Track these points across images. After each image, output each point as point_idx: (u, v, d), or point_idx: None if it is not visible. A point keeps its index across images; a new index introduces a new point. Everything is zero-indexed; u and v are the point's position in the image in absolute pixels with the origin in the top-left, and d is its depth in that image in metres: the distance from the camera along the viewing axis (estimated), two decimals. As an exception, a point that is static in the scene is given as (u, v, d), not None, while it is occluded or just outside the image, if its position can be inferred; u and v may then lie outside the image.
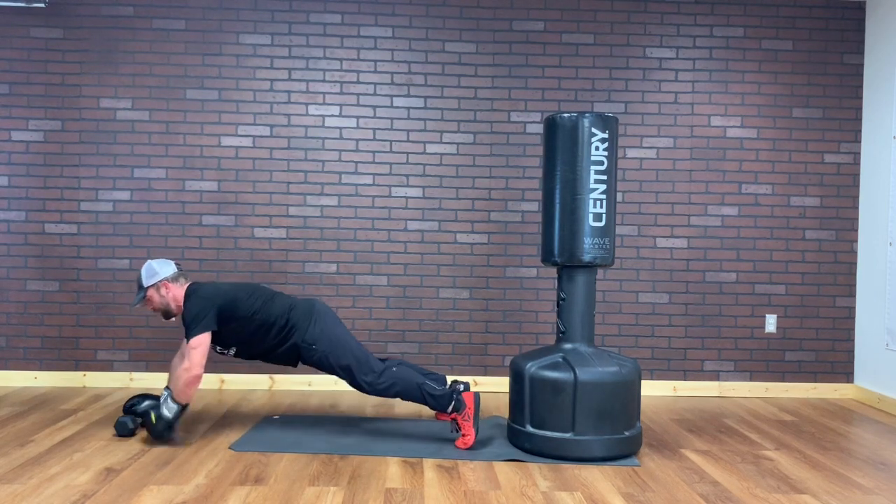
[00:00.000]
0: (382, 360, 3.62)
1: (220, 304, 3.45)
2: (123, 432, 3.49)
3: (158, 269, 3.52)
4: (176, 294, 3.53)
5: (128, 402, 3.63)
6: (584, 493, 2.88)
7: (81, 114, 4.60)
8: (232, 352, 3.61)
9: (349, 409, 4.20)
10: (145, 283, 3.51)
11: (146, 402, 3.58)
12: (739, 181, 4.72)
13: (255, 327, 3.51)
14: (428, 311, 4.67)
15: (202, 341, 3.39)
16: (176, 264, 3.60)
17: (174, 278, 3.54)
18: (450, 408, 3.41)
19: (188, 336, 3.40)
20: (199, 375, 3.37)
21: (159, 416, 3.36)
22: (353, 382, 3.50)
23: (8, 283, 4.61)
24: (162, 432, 3.37)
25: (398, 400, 4.40)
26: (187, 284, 3.57)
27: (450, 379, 4.51)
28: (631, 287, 4.71)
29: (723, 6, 4.70)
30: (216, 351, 3.64)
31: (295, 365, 3.64)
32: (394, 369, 3.47)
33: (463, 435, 3.41)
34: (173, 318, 3.67)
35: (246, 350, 3.60)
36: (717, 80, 4.71)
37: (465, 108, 4.66)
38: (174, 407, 3.38)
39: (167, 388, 3.43)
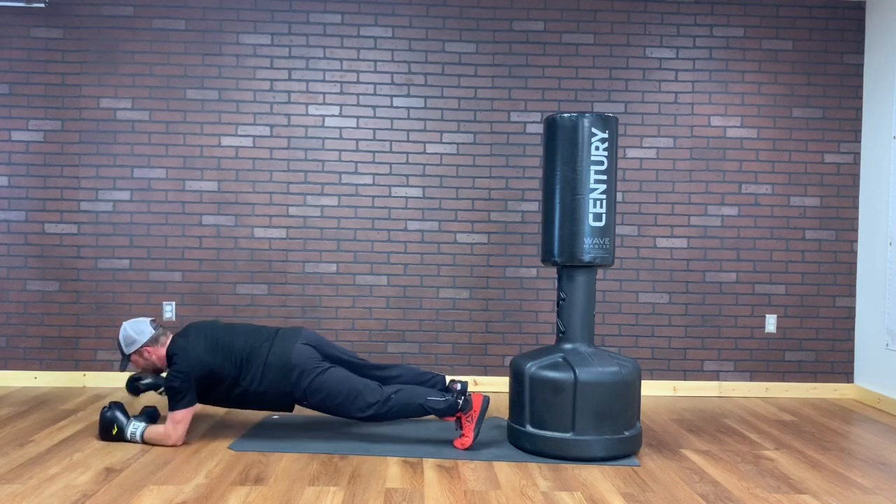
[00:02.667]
0: (381, 368, 3.58)
1: (199, 375, 3.37)
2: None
3: (136, 336, 3.45)
4: (159, 355, 3.49)
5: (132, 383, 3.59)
6: (584, 493, 2.88)
7: (81, 114, 4.60)
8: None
9: (349, 409, 4.19)
10: (126, 350, 3.47)
11: (149, 381, 3.57)
12: (739, 181, 4.72)
13: (238, 395, 3.46)
14: (428, 311, 4.67)
15: (185, 417, 3.36)
16: (151, 322, 3.53)
17: (153, 341, 3.47)
18: (457, 408, 3.40)
19: (171, 408, 3.36)
20: (175, 446, 3.38)
21: (123, 427, 3.42)
22: (354, 419, 3.46)
23: (8, 283, 4.60)
24: (114, 429, 3.41)
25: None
26: (168, 341, 3.51)
27: (448, 379, 4.51)
28: (631, 287, 4.71)
29: (723, 6, 4.70)
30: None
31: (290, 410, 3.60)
32: (393, 397, 3.39)
33: (462, 435, 3.40)
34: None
35: (238, 406, 3.56)
36: (717, 80, 4.71)
37: (465, 108, 4.66)
38: (137, 437, 3.40)
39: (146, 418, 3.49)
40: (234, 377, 3.42)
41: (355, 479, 3.01)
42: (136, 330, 3.47)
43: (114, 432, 3.40)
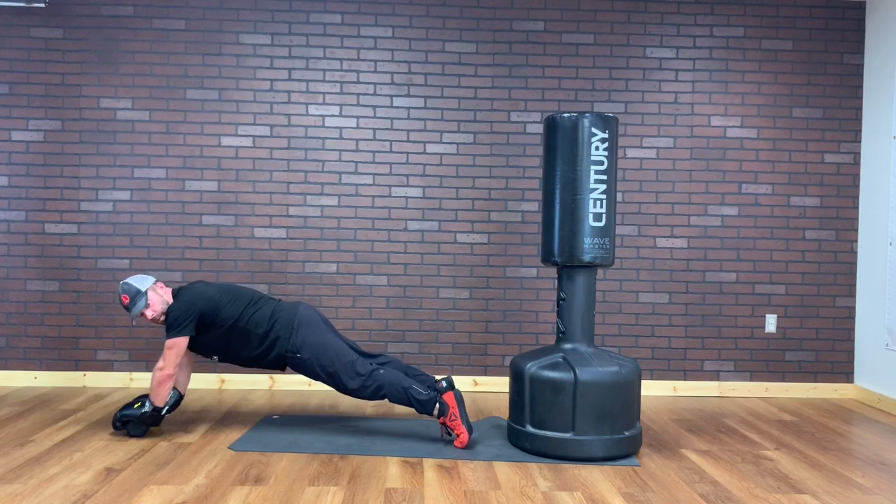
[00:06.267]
0: (373, 356, 3.62)
1: (203, 309, 3.48)
2: (137, 432, 3.53)
3: (145, 276, 3.58)
4: (167, 296, 3.56)
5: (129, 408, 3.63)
6: (584, 493, 2.88)
7: (81, 114, 4.60)
8: (215, 358, 3.64)
9: (349, 409, 4.20)
10: (143, 287, 3.50)
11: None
12: (739, 181, 4.72)
13: (236, 336, 3.52)
14: (428, 311, 4.67)
15: (178, 343, 3.43)
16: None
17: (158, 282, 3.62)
18: (435, 411, 3.41)
19: (166, 336, 3.45)
20: (171, 375, 3.45)
21: (132, 410, 3.52)
22: (340, 388, 3.51)
23: (8, 283, 4.61)
24: (127, 416, 3.49)
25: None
26: (170, 289, 3.63)
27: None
28: (631, 287, 4.71)
29: (723, 6, 4.70)
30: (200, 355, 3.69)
31: (283, 370, 3.66)
32: (381, 371, 3.47)
33: (457, 435, 3.41)
34: None
35: (229, 357, 3.61)
36: (717, 80, 4.71)
37: (465, 108, 4.66)
38: (148, 407, 3.49)
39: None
40: (236, 318, 3.49)
41: (355, 479, 3.01)
42: (141, 276, 3.58)
43: (139, 414, 3.49)
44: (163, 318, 3.54)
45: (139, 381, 4.62)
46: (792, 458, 3.40)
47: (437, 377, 4.59)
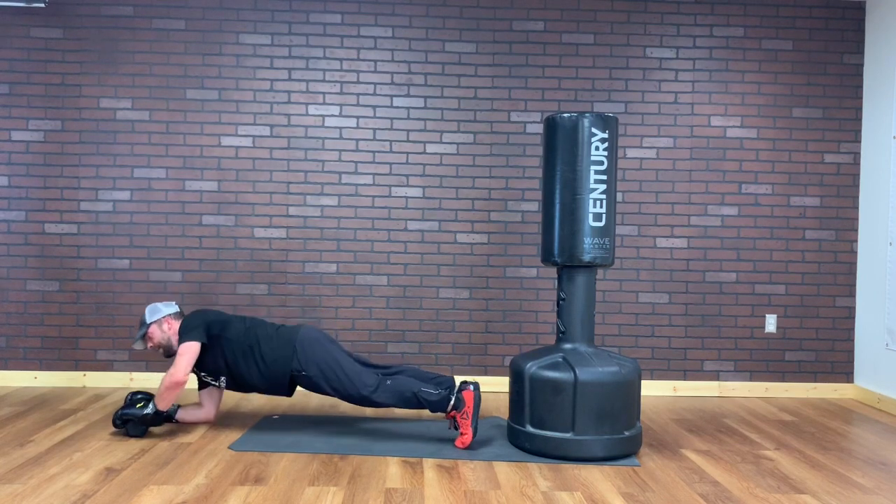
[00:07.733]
0: (384, 368, 3.63)
1: (213, 318, 3.60)
2: (136, 432, 3.53)
3: (162, 307, 3.67)
4: (174, 330, 3.64)
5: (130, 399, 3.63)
6: (584, 493, 2.88)
7: (81, 114, 4.60)
8: (223, 382, 3.65)
9: (349, 409, 4.20)
10: (148, 319, 3.62)
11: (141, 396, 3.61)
12: (739, 181, 4.72)
13: (241, 353, 3.55)
14: (428, 311, 4.67)
15: (190, 348, 3.48)
16: (177, 305, 3.77)
17: (176, 316, 3.67)
18: (449, 406, 3.41)
19: (179, 342, 3.52)
20: (181, 382, 3.45)
21: (134, 409, 3.52)
22: (349, 401, 3.53)
23: (8, 283, 4.60)
24: (128, 415, 3.49)
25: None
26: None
27: (458, 380, 4.54)
28: (631, 287, 4.71)
29: (723, 6, 4.70)
30: (209, 382, 3.69)
31: (290, 395, 3.67)
32: (388, 382, 3.48)
33: (461, 434, 3.41)
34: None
35: (236, 380, 3.62)
36: (717, 80, 4.71)
37: (465, 108, 4.66)
38: (150, 409, 3.50)
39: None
40: (242, 333, 3.56)
41: (355, 479, 3.01)
42: (164, 305, 3.68)
43: (141, 415, 3.49)
44: (161, 350, 3.66)
45: (139, 381, 4.62)
46: (792, 458, 3.40)
47: (462, 380, 4.58)
